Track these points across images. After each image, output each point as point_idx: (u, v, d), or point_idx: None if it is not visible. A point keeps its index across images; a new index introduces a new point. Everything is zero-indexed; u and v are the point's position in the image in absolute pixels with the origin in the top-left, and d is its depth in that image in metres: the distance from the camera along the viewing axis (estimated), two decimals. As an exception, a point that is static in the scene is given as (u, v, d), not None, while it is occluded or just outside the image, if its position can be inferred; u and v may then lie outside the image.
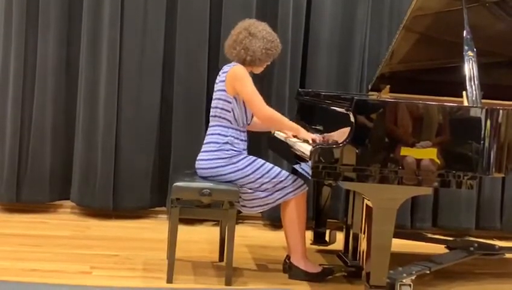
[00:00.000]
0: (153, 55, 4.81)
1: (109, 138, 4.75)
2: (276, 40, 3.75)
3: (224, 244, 3.74)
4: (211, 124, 3.73)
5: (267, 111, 3.64)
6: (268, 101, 4.78)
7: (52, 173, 4.82)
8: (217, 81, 3.74)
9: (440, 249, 4.20)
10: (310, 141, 3.50)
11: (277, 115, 3.68)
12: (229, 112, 3.65)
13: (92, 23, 4.73)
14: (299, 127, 3.71)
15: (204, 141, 3.72)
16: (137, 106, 4.81)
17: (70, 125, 4.85)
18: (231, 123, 3.65)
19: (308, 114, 4.23)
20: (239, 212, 3.80)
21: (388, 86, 4.22)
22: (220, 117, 3.67)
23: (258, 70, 3.80)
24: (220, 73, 3.75)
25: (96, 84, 4.76)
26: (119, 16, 4.71)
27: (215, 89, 3.73)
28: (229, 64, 3.73)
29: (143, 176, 4.84)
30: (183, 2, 4.79)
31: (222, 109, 3.66)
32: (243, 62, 3.69)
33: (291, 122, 3.78)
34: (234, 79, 3.62)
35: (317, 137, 3.58)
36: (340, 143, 3.22)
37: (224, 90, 3.65)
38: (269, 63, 3.80)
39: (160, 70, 4.83)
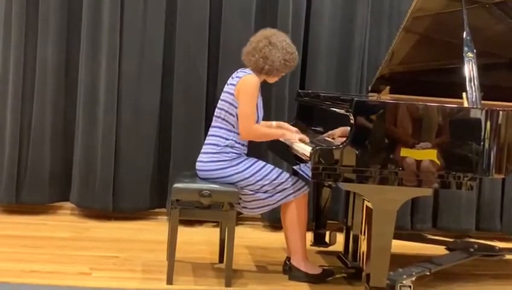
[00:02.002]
0: (153, 58, 4.81)
1: (109, 140, 4.75)
2: (295, 53, 3.74)
3: (224, 246, 3.73)
4: (213, 124, 3.72)
5: (252, 132, 3.62)
6: (268, 103, 4.81)
7: (52, 174, 4.82)
8: (227, 82, 3.72)
9: (440, 250, 4.21)
10: (298, 142, 3.55)
11: (260, 131, 3.69)
12: (234, 116, 3.64)
13: (91, 28, 4.73)
14: (284, 131, 3.75)
15: (205, 142, 3.72)
16: (137, 109, 4.81)
17: (70, 127, 4.85)
18: (234, 127, 3.65)
19: (308, 115, 4.23)
20: (239, 213, 3.79)
21: (388, 87, 4.22)
22: (223, 120, 3.66)
23: (273, 80, 3.79)
24: (233, 75, 3.73)
25: (96, 87, 4.76)
26: (119, 21, 4.71)
27: (224, 90, 3.72)
28: (243, 70, 3.71)
29: (143, 178, 4.84)
30: (182, 6, 4.78)
31: (227, 112, 3.65)
32: (260, 70, 3.67)
33: (274, 130, 3.81)
34: (243, 88, 3.60)
35: (304, 137, 3.60)
36: (340, 144, 3.22)
37: (232, 94, 3.64)
38: (284, 74, 3.79)
39: (160, 74, 4.83)
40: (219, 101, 3.72)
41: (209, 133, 3.73)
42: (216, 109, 3.72)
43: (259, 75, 3.69)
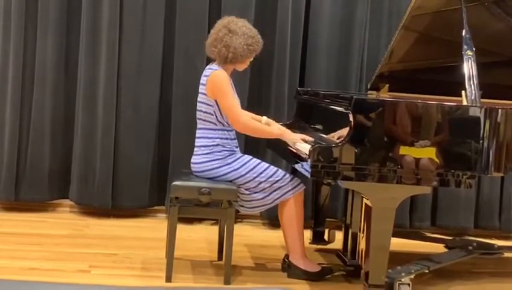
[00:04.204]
0: (152, 56, 4.81)
1: (108, 137, 4.75)
2: (257, 36, 3.71)
3: (223, 243, 3.74)
4: (198, 126, 3.72)
5: (244, 122, 3.59)
6: (267, 102, 4.82)
7: (51, 172, 4.82)
8: (200, 83, 3.71)
9: (439, 248, 4.20)
10: (299, 141, 3.52)
11: (255, 125, 3.66)
12: (212, 114, 3.63)
13: (91, 24, 4.72)
14: (283, 131, 3.69)
15: (195, 144, 3.71)
16: (136, 106, 4.81)
17: (69, 124, 4.85)
18: (216, 125, 3.64)
19: (307, 113, 4.23)
20: (238, 211, 3.80)
21: (387, 85, 4.22)
22: (204, 120, 3.66)
23: (241, 67, 3.76)
24: (202, 76, 3.72)
25: (95, 85, 4.76)
26: (118, 17, 4.71)
27: (199, 91, 3.71)
28: (210, 67, 3.69)
29: (142, 175, 4.84)
30: (182, 4, 4.78)
31: (205, 112, 3.65)
32: (225, 60, 3.65)
33: (272, 128, 3.75)
34: (214, 86, 3.59)
35: (306, 137, 3.58)
36: (339, 142, 3.22)
37: (205, 94, 3.63)
38: (252, 59, 3.77)
39: (159, 71, 4.83)
40: (197, 103, 3.71)
41: (196, 135, 3.72)
42: (196, 111, 3.71)
43: (225, 65, 3.67)
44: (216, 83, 3.59)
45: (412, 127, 3.24)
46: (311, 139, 3.58)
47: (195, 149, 3.70)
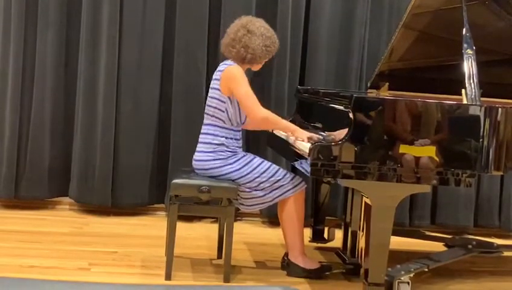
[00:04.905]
0: (152, 53, 4.80)
1: (108, 135, 4.75)
2: (274, 36, 3.72)
3: (223, 242, 3.74)
4: (205, 121, 3.71)
5: (261, 113, 3.58)
6: (267, 100, 4.81)
7: (51, 170, 4.82)
8: (213, 78, 3.72)
9: (438, 246, 4.21)
10: (306, 140, 3.50)
11: (271, 116, 3.64)
12: (223, 111, 3.63)
13: (91, 22, 4.72)
14: (295, 126, 3.68)
15: (199, 140, 3.70)
16: (136, 104, 4.81)
17: (69, 122, 4.84)
18: (224, 123, 3.63)
19: (307, 111, 4.23)
20: (237, 209, 3.80)
21: (387, 84, 4.21)
22: (213, 116, 3.65)
23: (257, 67, 3.77)
24: (216, 71, 3.73)
25: (95, 82, 4.76)
26: (118, 14, 4.71)
27: (210, 86, 3.72)
28: (225, 63, 3.70)
29: (142, 173, 4.84)
30: (182, 1, 4.78)
31: (216, 108, 3.64)
32: (243, 60, 3.65)
33: (286, 122, 3.75)
34: (229, 79, 3.59)
35: (314, 135, 3.58)
36: (339, 140, 3.22)
37: (218, 90, 3.63)
38: (267, 59, 3.78)
39: (159, 69, 4.83)
40: (207, 97, 3.70)
41: (202, 130, 3.71)
42: (206, 106, 3.71)
43: (242, 64, 3.67)
44: (231, 75, 3.58)
45: (412, 125, 3.23)
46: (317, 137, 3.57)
47: (199, 145, 3.69)
